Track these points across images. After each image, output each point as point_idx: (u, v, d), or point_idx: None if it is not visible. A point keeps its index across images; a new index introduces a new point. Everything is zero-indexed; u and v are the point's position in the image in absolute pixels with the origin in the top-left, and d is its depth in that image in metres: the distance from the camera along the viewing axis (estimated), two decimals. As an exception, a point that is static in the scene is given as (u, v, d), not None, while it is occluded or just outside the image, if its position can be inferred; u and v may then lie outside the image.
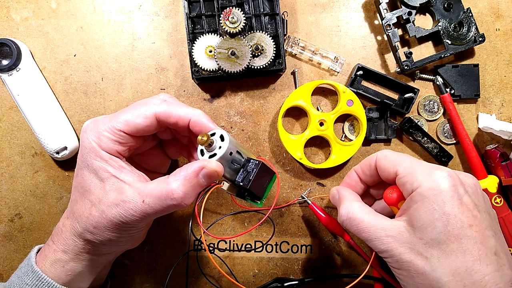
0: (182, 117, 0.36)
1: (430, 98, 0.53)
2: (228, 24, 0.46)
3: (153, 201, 0.33)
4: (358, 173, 0.42)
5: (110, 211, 0.34)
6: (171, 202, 0.33)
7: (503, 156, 0.49)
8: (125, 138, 0.36)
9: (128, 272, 0.53)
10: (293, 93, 0.51)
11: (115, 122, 0.35)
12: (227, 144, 0.34)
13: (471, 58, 0.53)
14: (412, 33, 0.51)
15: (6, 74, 0.49)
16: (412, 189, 0.34)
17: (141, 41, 0.53)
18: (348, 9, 0.53)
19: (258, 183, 0.35)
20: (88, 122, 0.37)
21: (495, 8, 0.53)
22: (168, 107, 0.36)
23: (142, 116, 0.36)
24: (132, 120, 0.35)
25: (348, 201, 0.38)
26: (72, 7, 0.53)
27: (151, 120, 0.36)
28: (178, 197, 0.33)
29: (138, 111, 0.36)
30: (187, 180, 0.33)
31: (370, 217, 0.36)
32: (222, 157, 0.34)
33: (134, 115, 0.36)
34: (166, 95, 0.40)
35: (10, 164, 0.53)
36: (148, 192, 0.33)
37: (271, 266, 0.53)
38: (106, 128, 0.35)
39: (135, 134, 0.36)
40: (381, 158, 0.39)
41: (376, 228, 0.35)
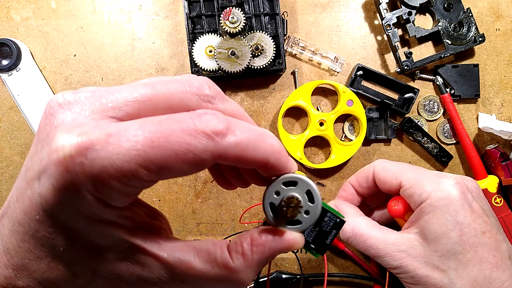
0: (259, 159, 0.20)
1: (430, 98, 0.53)
2: (228, 24, 0.46)
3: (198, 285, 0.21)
4: (353, 186, 0.40)
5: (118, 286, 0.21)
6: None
7: (503, 156, 0.49)
8: (150, 185, 0.19)
9: None
10: (293, 93, 0.51)
11: (140, 167, 0.17)
12: (318, 212, 0.23)
13: (471, 58, 0.53)
14: (412, 33, 0.51)
15: (6, 74, 0.49)
16: (421, 200, 0.32)
17: (141, 41, 0.53)
18: (348, 9, 0.53)
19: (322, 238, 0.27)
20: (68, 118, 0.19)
21: (495, 8, 0.53)
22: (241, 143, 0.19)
23: (193, 163, 0.18)
24: (173, 166, 0.18)
25: (351, 216, 0.36)
26: (72, 7, 0.53)
27: (205, 165, 0.19)
28: (244, 285, 0.22)
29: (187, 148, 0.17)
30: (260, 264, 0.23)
31: (377, 232, 0.34)
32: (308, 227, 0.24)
33: (179, 159, 0.17)
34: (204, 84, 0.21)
35: (10, 164, 0.53)
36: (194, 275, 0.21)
37: (271, 266, 0.53)
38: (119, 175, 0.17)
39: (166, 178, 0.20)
40: (379, 170, 0.37)
41: (386, 243, 0.33)
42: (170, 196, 0.53)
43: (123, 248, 0.20)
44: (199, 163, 0.18)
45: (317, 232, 0.26)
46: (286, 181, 0.23)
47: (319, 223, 0.26)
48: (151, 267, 0.20)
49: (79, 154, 0.17)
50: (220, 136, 0.18)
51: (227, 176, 0.27)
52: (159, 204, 0.53)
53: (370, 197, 0.42)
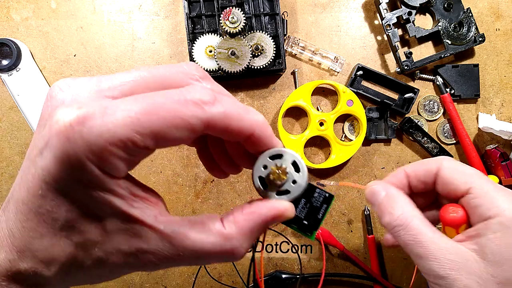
0: (244, 129, 0.22)
1: (430, 98, 0.53)
2: (228, 24, 0.46)
3: (197, 256, 0.22)
4: (409, 176, 0.35)
5: (114, 260, 0.21)
6: (225, 260, 0.23)
7: (503, 156, 0.49)
8: (146, 153, 0.21)
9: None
10: (293, 93, 0.51)
11: (134, 133, 0.19)
12: (305, 180, 0.25)
13: (471, 58, 0.53)
14: (412, 33, 0.51)
15: (6, 74, 0.49)
16: (490, 216, 0.28)
17: (141, 41, 0.53)
18: (348, 9, 0.53)
19: (314, 213, 0.28)
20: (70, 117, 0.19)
21: (495, 8, 0.53)
22: (227, 112, 0.21)
23: (183, 128, 0.20)
24: (165, 132, 0.20)
25: (406, 204, 0.31)
26: (72, 7, 0.53)
27: (196, 132, 0.20)
28: (239, 255, 0.23)
29: (176, 114, 0.19)
30: (253, 232, 0.23)
31: (431, 231, 0.29)
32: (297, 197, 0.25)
33: (169, 124, 0.19)
34: (193, 67, 0.23)
35: (10, 164, 0.53)
36: (190, 245, 0.22)
37: (271, 266, 0.53)
38: (116, 141, 0.19)
39: (162, 147, 0.22)
40: (449, 168, 0.32)
41: (438, 246, 0.28)
42: (170, 196, 0.53)
43: (121, 220, 0.21)
44: (188, 128, 0.20)
45: (308, 209, 0.27)
46: (272, 155, 0.25)
47: (309, 199, 0.27)
48: (148, 238, 0.21)
49: (78, 123, 0.18)
50: (208, 105, 0.20)
51: (216, 159, 0.28)
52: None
53: (416, 196, 0.37)
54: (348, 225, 0.53)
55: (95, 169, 0.19)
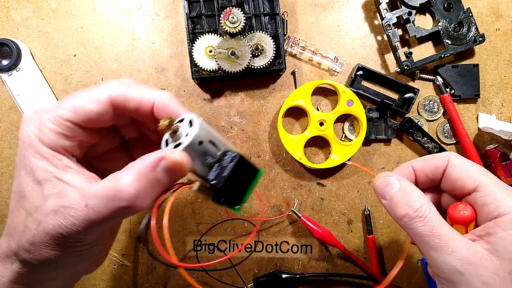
0: (144, 100, 0.28)
1: (430, 98, 0.53)
2: (228, 24, 0.46)
3: (97, 203, 0.25)
4: (416, 171, 0.34)
5: (48, 221, 0.26)
6: (120, 203, 0.25)
7: (503, 156, 0.49)
8: (74, 131, 0.28)
9: (128, 272, 0.53)
10: (293, 93, 0.51)
11: (61, 109, 0.27)
12: (195, 130, 0.27)
13: (471, 58, 0.53)
14: (412, 33, 0.51)
15: (6, 74, 0.49)
16: (499, 214, 0.28)
17: (141, 41, 0.53)
18: (348, 9, 0.53)
19: (236, 183, 0.29)
20: (31, 112, 0.28)
21: (495, 8, 0.53)
22: (126, 88, 0.28)
23: (93, 101, 0.27)
24: (81, 105, 0.27)
25: (421, 196, 0.31)
26: (72, 7, 0.53)
27: (104, 106, 0.28)
28: (129, 196, 0.25)
29: (89, 93, 0.28)
30: (141, 174, 0.25)
31: (447, 226, 0.29)
32: (189, 147, 0.27)
33: (84, 100, 0.27)
34: (128, 79, 0.31)
35: (10, 164, 0.53)
36: (93, 192, 0.26)
37: (271, 266, 0.53)
38: (50, 118, 0.27)
39: (86, 124, 0.28)
40: (457, 165, 0.31)
41: (454, 240, 0.28)
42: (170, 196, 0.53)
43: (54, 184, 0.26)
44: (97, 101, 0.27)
45: (218, 170, 0.28)
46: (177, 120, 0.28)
47: (220, 160, 0.29)
48: (69, 196, 0.26)
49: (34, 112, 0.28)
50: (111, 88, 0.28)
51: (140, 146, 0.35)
52: (159, 204, 0.53)
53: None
54: (348, 225, 0.53)
55: (36, 139, 0.27)
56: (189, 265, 0.50)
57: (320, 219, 0.53)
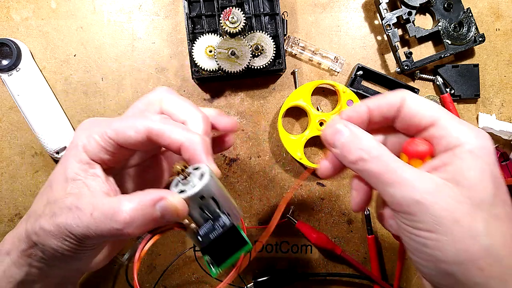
0: (174, 140, 0.30)
1: (430, 98, 0.53)
2: (228, 24, 0.46)
3: (98, 216, 0.28)
4: (371, 110, 0.33)
5: (60, 215, 0.29)
6: (114, 224, 0.27)
7: (503, 156, 0.49)
8: (113, 147, 0.31)
9: (128, 272, 0.53)
10: (293, 93, 0.51)
11: (108, 128, 0.31)
12: (201, 186, 0.28)
13: (471, 58, 0.53)
14: (412, 33, 0.51)
15: (6, 74, 0.49)
16: (456, 145, 0.28)
17: (141, 41, 0.53)
18: (348, 9, 0.53)
19: (221, 248, 0.29)
20: (88, 120, 0.33)
21: (495, 8, 0.53)
22: (161, 125, 0.31)
23: (133, 129, 0.31)
24: (122, 130, 0.31)
25: (371, 138, 0.31)
26: (72, 7, 0.53)
27: (142, 136, 0.31)
28: (123, 220, 0.27)
29: (131, 122, 0.31)
30: (140, 205, 0.28)
31: (402, 162, 0.29)
32: (190, 198, 0.28)
33: (126, 126, 0.31)
34: (164, 90, 0.35)
35: (10, 164, 0.53)
36: (100, 205, 0.28)
37: (271, 266, 0.53)
38: (98, 132, 0.31)
39: (124, 145, 0.32)
40: (414, 101, 0.31)
41: (411, 172, 0.28)
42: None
43: (77, 184, 0.30)
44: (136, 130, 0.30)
45: (208, 228, 0.29)
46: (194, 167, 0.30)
47: (215, 220, 0.29)
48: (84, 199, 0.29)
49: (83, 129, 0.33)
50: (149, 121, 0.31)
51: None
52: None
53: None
54: (348, 225, 0.53)
55: (81, 145, 0.31)
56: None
57: (320, 219, 0.53)
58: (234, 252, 0.30)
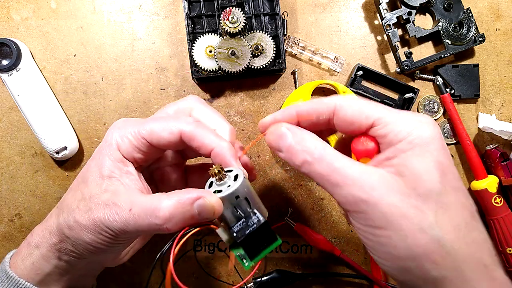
0: (205, 144, 0.32)
1: (430, 98, 0.53)
2: (228, 24, 0.46)
3: (138, 212, 0.29)
4: (301, 117, 0.33)
5: (97, 210, 0.30)
6: (154, 220, 0.29)
7: (503, 156, 0.49)
8: (146, 147, 0.33)
9: (128, 272, 0.53)
10: (293, 93, 0.51)
11: (142, 128, 0.33)
12: (237, 185, 0.30)
13: (471, 58, 0.53)
14: (412, 33, 0.51)
15: (6, 74, 0.49)
16: (398, 139, 0.28)
17: (141, 41, 0.53)
18: (348, 9, 0.53)
19: (253, 242, 0.31)
20: (121, 120, 0.35)
21: (495, 8, 0.53)
22: (194, 129, 0.32)
23: (167, 131, 0.33)
24: (157, 131, 0.33)
25: (314, 139, 0.31)
26: (72, 7, 0.53)
27: (175, 137, 0.33)
28: (163, 217, 0.29)
29: (166, 123, 0.33)
30: (179, 203, 0.29)
31: (346, 159, 0.29)
32: (226, 197, 0.30)
33: (161, 127, 0.33)
34: (195, 98, 0.37)
35: (10, 164, 0.53)
36: (139, 202, 0.30)
37: (271, 266, 0.53)
38: (132, 132, 0.33)
39: (157, 146, 0.34)
40: (347, 105, 0.31)
41: (355, 170, 0.28)
42: (170, 196, 0.53)
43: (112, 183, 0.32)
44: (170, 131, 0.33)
45: (242, 225, 0.31)
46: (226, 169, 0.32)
47: (247, 218, 0.31)
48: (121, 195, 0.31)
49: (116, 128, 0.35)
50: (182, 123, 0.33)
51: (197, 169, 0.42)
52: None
53: None
54: (348, 225, 0.53)
55: (115, 143, 0.33)
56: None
57: (320, 219, 0.53)
58: (266, 247, 0.32)
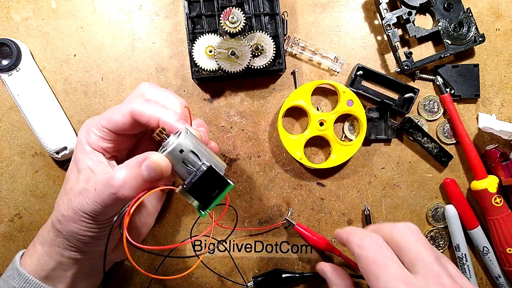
0: (152, 117, 0.35)
1: (430, 98, 0.53)
2: (228, 24, 0.46)
3: (99, 188, 0.32)
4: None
5: (75, 200, 0.33)
6: (110, 189, 0.31)
7: (503, 156, 0.49)
8: (109, 135, 0.36)
9: (128, 272, 0.53)
10: (293, 93, 0.51)
11: (101, 119, 0.36)
12: (178, 141, 0.32)
13: (471, 58, 0.53)
14: (412, 33, 0.51)
15: (6, 74, 0.49)
16: None
17: (141, 41, 0.53)
18: (348, 9, 0.53)
19: (204, 191, 0.33)
20: (88, 120, 0.38)
21: (495, 8, 0.53)
22: (141, 105, 0.35)
23: (120, 114, 0.35)
24: (112, 117, 0.36)
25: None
26: (72, 7, 0.53)
27: (127, 118, 0.35)
28: (116, 184, 0.31)
29: (119, 108, 0.36)
30: (129, 168, 0.32)
31: None
32: (170, 153, 0.32)
33: (114, 112, 0.36)
34: (146, 84, 0.39)
35: (10, 164, 0.53)
36: (100, 179, 0.33)
37: (271, 266, 0.53)
38: (94, 125, 0.36)
39: (116, 131, 0.36)
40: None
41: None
42: (171, 196, 0.53)
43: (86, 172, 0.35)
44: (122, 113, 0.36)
45: (191, 177, 0.33)
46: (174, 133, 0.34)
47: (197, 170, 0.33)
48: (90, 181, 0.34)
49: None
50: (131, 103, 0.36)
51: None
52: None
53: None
54: (348, 225, 0.53)
55: (84, 140, 0.37)
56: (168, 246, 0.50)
57: (320, 219, 0.53)
58: (218, 193, 0.34)
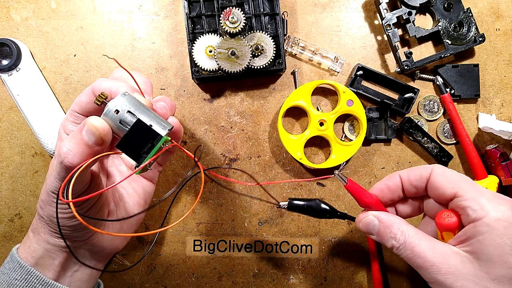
0: (106, 89, 0.35)
1: (430, 98, 0.53)
2: (228, 24, 0.46)
3: (55, 164, 0.33)
4: (403, 180, 0.37)
5: (48, 183, 0.35)
6: (58, 159, 0.32)
7: (503, 156, 0.49)
8: (79, 119, 0.38)
9: (128, 272, 0.53)
10: (293, 93, 0.51)
11: (73, 105, 0.38)
12: (112, 101, 0.33)
13: (471, 58, 0.53)
14: (412, 33, 0.51)
15: (6, 74, 0.49)
16: (476, 217, 0.31)
17: (141, 41, 0.53)
18: (348, 9, 0.53)
19: (134, 145, 0.32)
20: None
21: (495, 8, 0.53)
22: (100, 82, 0.36)
23: (84, 94, 0.37)
24: (79, 99, 0.37)
25: (400, 224, 0.34)
26: (72, 7, 0.53)
27: (89, 95, 0.36)
28: (62, 152, 0.32)
29: (84, 90, 0.37)
30: (72, 136, 0.33)
31: (426, 242, 0.32)
32: (105, 114, 0.33)
33: (80, 95, 0.37)
34: (118, 69, 0.40)
35: (10, 164, 0.53)
36: (56, 153, 0.33)
37: (271, 266, 0.53)
38: (68, 113, 0.38)
39: (85, 113, 0.37)
40: (438, 173, 0.34)
41: (434, 252, 0.31)
42: (170, 196, 0.53)
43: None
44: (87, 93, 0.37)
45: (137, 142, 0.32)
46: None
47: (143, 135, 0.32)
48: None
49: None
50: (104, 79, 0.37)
51: None
52: (159, 204, 0.53)
53: (403, 203, 0.40)
54: (348, 225, 0.53)
55: (62, 128, 0.39)
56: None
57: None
58: (149, 145, 0.32)
